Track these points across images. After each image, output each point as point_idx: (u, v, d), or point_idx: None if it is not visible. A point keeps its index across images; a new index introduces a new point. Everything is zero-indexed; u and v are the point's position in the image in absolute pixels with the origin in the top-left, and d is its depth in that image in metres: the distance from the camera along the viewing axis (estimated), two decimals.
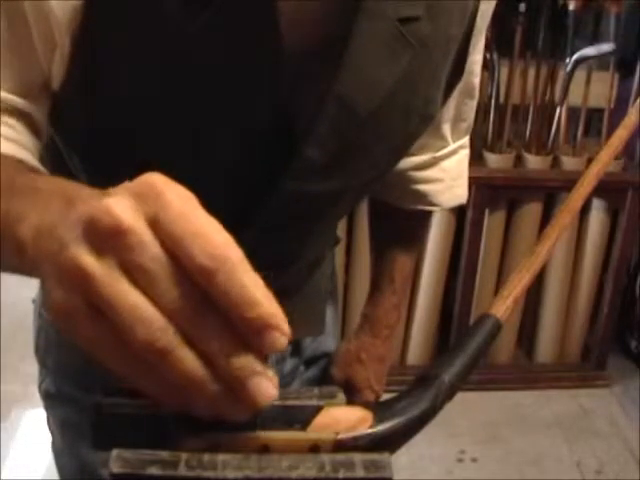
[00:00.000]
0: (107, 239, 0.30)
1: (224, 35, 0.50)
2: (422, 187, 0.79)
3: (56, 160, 0.61)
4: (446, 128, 0.75)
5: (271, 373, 0.33)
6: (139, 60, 0.51)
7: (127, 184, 0.32)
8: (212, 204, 0.32)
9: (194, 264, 0.30)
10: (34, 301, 0.79)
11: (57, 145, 0.60)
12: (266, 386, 0.32)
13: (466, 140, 0.80)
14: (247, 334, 0.31)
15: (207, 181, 0.53)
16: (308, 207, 0.61)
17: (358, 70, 0.54)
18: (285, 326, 0.31)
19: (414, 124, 0.63)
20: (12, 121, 0.52)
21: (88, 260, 0.30)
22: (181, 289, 0.30)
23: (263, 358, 0.32)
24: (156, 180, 0.31)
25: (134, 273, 0.30)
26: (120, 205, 0.30)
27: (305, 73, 0.54)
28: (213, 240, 0.30)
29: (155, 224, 0.30)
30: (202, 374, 0.31)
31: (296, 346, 0.79)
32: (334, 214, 0.72)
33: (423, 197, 0.80)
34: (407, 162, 0.75)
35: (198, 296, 0.31)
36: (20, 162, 0.50)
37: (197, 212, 0.31)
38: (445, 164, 0.78)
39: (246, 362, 0.31)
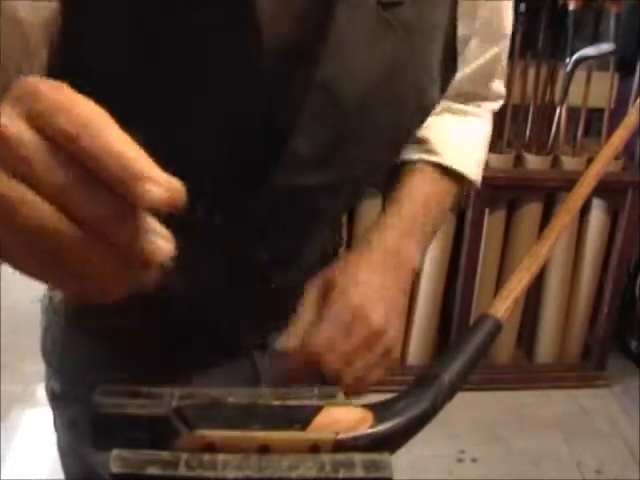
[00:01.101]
0: None
1: (204, 31, 0.50)
2: (423, 133, 0.71)
3: None
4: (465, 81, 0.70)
5: (162, 230, 0.34)
6: (120, 59, 0.51)
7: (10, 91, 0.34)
8: (206, 202, 0.33)
9: (60, 135, 0.31)
10: (40, 300, 0.79)
11: None
12: (158, 242, 0.33)
13: (485, 116, 0.76)
14: (125, 193, 0.32)
15: (198, 180, 0.53)
16: (302, 202, 0.61)
17: (340, 57, 0.54)
18: (159, 176, 0.32)
19: (409, 115, 0.62)
20: None
21: None
22: (58, 169, 0.32)
23: (151, 220, 0.33)
24: (28, 80, 0.33)
25: (13, 166, 0.32)
26: None
27: (289, 64, 0.54)
28: (76, 108, 0.32)
29: (29, 116, 0.32)
30: (92, 247, 0.33)
31: None
32: (332, 209, 0.70)
33: (422, 143, 0.71)
34: None
35: (76, 172, 0.32)
36: None
37: (66, 92, 0.32)
38: (453, 119, 0.74)
39: (132, 225, 0.33)
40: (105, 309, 0.44)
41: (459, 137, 0.74)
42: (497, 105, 0.78)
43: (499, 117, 2.04)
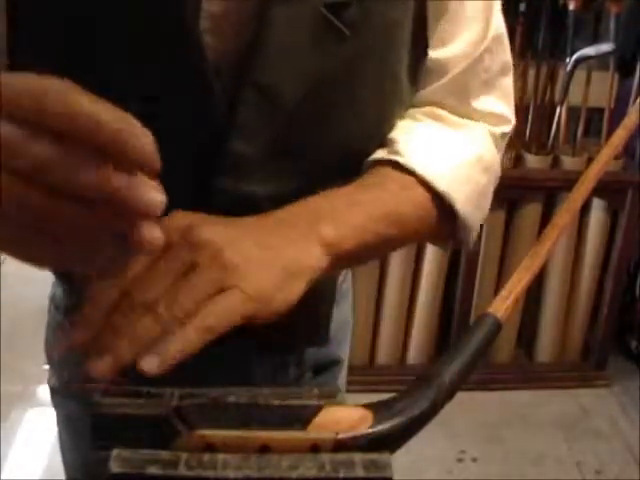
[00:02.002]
0: None
1: (143, 32, 0.50)
2: (393, 134, 0.62)
3: None
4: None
5: (151, 182, 0.34)
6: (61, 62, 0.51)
7: None
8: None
9: (29, 113, 0.32)
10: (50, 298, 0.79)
11: None
12: (150, 193, 0.34)
13: (482, 136, 0.66)
14: (110, 151, 0.32)
15: None
16: (257, 211, 0.54)
17: (276, 58, 0.53)
18: (139, 127, 0.33)
19: (369, 122, 0.60)
20: None
21: None
22: (36, 146, 0.32)
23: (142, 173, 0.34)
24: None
25: None
26: None
27: (231, 66, 0.53)
28: (38, 83, 0.32)
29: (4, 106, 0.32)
30: (91, 217, 0.33)
31: (299, 355, 0.77)
32: None
33: (389, 144, 0.61)
34: None
35: (57, 147, 0.32)
36: None
37: (30, 76, 0.33)
38: (437, 126, 0.64)
39: (120, 179, 0.33)
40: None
41: (426, 140, 0.62)
42: (498, 129, 0.69)
43: None
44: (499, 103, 0.69)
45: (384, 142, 0.62)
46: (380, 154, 0.61)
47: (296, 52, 0.53)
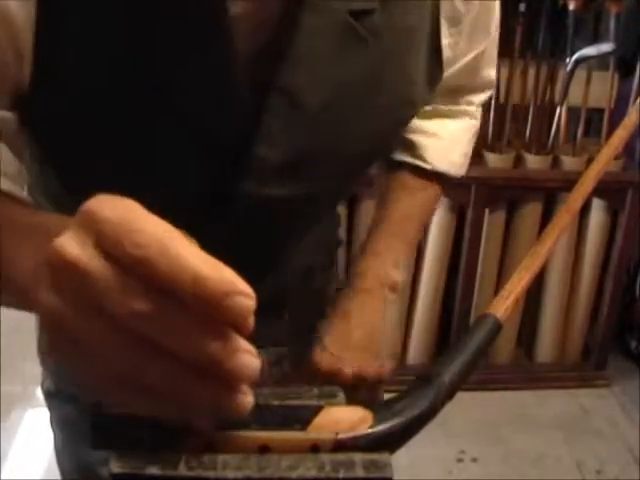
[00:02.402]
0: (62, 276, 0.31)
1: (175, 37, 0.50)
2: (415, 137, 0.74)
3: (39, 171, 0.61)
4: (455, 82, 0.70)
5: (248, 346, 0.32)
6: (91, 68, 0.50)
7: (74, 217, 0.33)
8: (174, 209, 0.33)
9: (130, 261, 0.30)
10: None
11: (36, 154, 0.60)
12: (247, 359, 0.32)
13: (473, 110, 0.77)
14: (212, 312, 0.30)
15: (167, 183, 0.53)
16: (274, 213, 0.60)
17: (304, 64, 0.53)
18: (242, 286, 0.30)
19: (386, 127, 0.61)
20: None
21: (52, 302, 0.32)
22: (134, 298, 0.30)
23: (239, 335, 0.32)
24: (91, 206, 0.32)
25: (93, 300, 0.31)
26: (66, 242, 0.31)
27: (259, 72, 0.53)
28: (141, 230, 0.30)
29: (101, 244, 0.31)
30: (188, 376, 0.31)
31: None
32: (312, 219, 0.70)
33: (413, 148, 0.74)
34: None
35: (148, 292, 0.30)
36: (7, 194, 0.51)
37: (130, 215, 0.31)
38: (446, 122, 0.74)
39: (220, 344, 0.31)
40: None
41: (446, 139, 0.75)
42: (486, 96, 0.77)
43: (499, 117, 2.04)
44: (491, 68, 0.75)
45: (404, 142, 0.73)
46: (405, 157, 0.74)
47: (322, 59, 0.54)
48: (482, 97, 0.77)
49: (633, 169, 2.11)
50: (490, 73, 0.74)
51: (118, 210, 0.31)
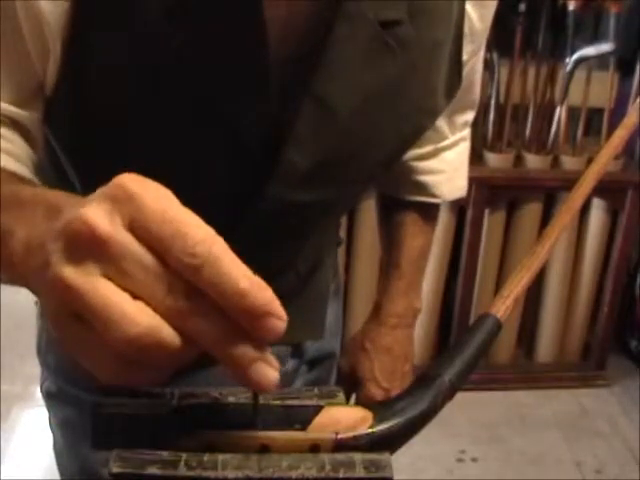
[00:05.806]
0: (86, 249, 0.31)
1: (209, 41, 0.50)
2: (423, 178, 0.79)
3: (55, 168, 0.61)
4: (441, 121, 0.74)
5: (270, 357, 0.32)
6: (123, 66, 0.51)
7: (102, 189, 0.32)
8: (199, 210, 0.32)
9: (178, 264, 0.30)
10: (36, 303, 0.79)
11: (55, 152, 0.60)
12: (267, 371, 0.32)
13: (466, 133, 0.80)
14: (242, 323, 0.31)
15: (192, 184, 0.53)
16: (297, 216, 0.61)
17: (336, 71, 0.54)
18: (279, 309, 0.31)
19: (407, 134, 0.63)
20: (8, 132, 0.52)
21: (69, 273, 0.31)
22: (168, 286, 0.31)
23: (260, 343, 0.32)
24: (128, 181, 0.31)
25: (119, 278, 0.31)
26: (95, 213, 0.31)
27: (289, 77, 0.54)
28: (193, 237, 0.30)
29: (133, 226, 0.31)
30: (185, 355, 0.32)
31: (297, 347, 0.79)
32: (328, 221, 0.72)
33: (424, 188, 0.80)
34: (409, 153, 0.74)
35: (188, 290, 0.31)
36: (12, 174, 0.50)
37: (173, 209, 0.31)
38: (446, 155, 0.78)
39: (244, 350, 0.31)
40: None
41: (450, 170, 0.80)
42: (473, 115, 0.80)
43: (499, 117, 2.04)
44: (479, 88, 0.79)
45: (413, 184, 0.80)
46: (418, 198, 0.81)
47: (352, 66, 0.55)
48: (472, 116, 0.80)
49: (633, 169, 2.11)
50: (477, 90, 0.77)
51: (161, 201, 0.31)
